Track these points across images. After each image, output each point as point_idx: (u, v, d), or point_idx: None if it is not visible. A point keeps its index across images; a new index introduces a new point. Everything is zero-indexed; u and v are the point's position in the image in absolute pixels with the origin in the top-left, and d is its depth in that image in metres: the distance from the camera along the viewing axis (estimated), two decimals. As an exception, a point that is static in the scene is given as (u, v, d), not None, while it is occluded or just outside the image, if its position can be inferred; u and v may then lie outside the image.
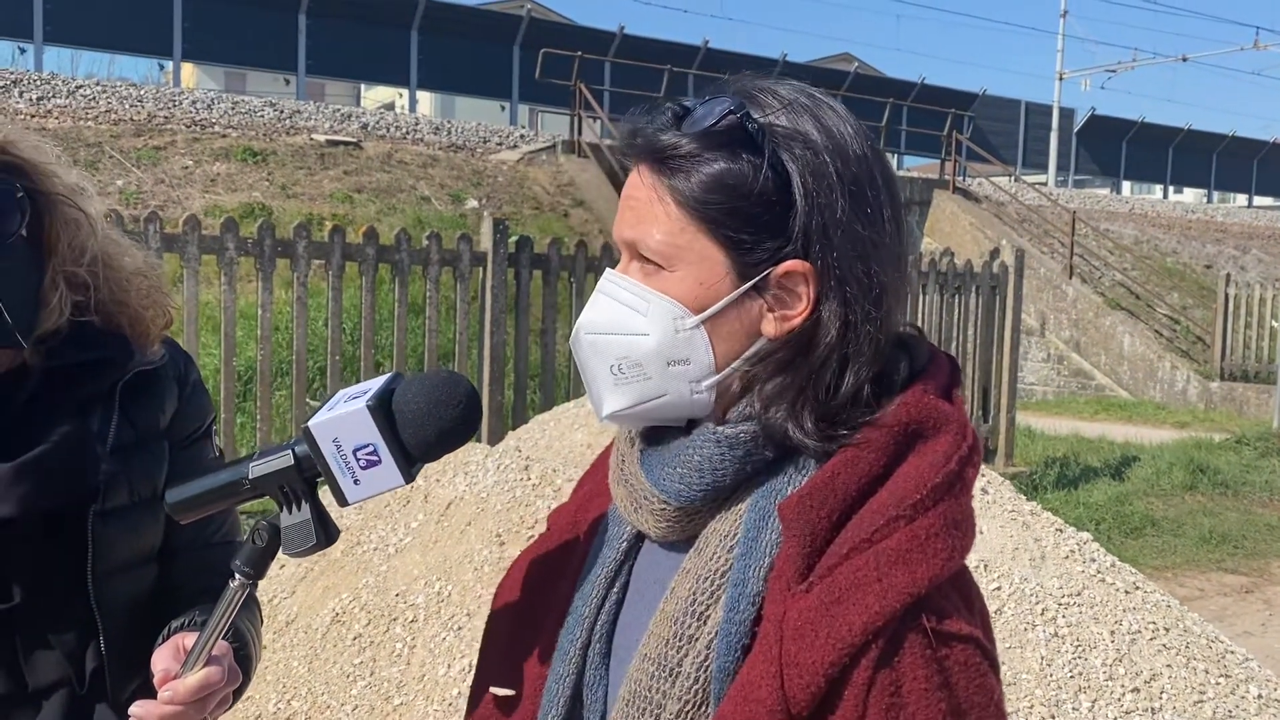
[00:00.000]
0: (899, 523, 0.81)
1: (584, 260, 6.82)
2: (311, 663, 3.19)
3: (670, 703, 0.86)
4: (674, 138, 0.88)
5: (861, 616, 0.78)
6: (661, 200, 0.88)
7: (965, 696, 0.80)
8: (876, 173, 0.88)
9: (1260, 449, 10.51)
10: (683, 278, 0.88)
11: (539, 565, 1.06)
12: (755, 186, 0.86)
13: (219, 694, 1.09)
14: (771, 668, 0.80)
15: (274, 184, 11.75)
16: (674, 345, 0.88)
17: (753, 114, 0.87)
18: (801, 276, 0.87)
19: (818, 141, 0.86)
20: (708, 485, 0.88)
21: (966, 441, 0.86)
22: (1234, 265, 19.61)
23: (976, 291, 8.62)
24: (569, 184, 14.09)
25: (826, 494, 0.83)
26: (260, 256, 5.75)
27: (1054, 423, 12.79)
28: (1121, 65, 31.54)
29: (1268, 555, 7.61)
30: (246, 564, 1.00)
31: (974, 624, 0.83)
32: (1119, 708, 3.16)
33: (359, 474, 0.94)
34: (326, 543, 0.98)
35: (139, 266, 1.30)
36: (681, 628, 0.86)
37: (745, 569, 0.85)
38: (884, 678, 0.78)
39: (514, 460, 3.77)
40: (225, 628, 1.03)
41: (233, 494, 1.01)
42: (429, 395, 0.95)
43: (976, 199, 19.09)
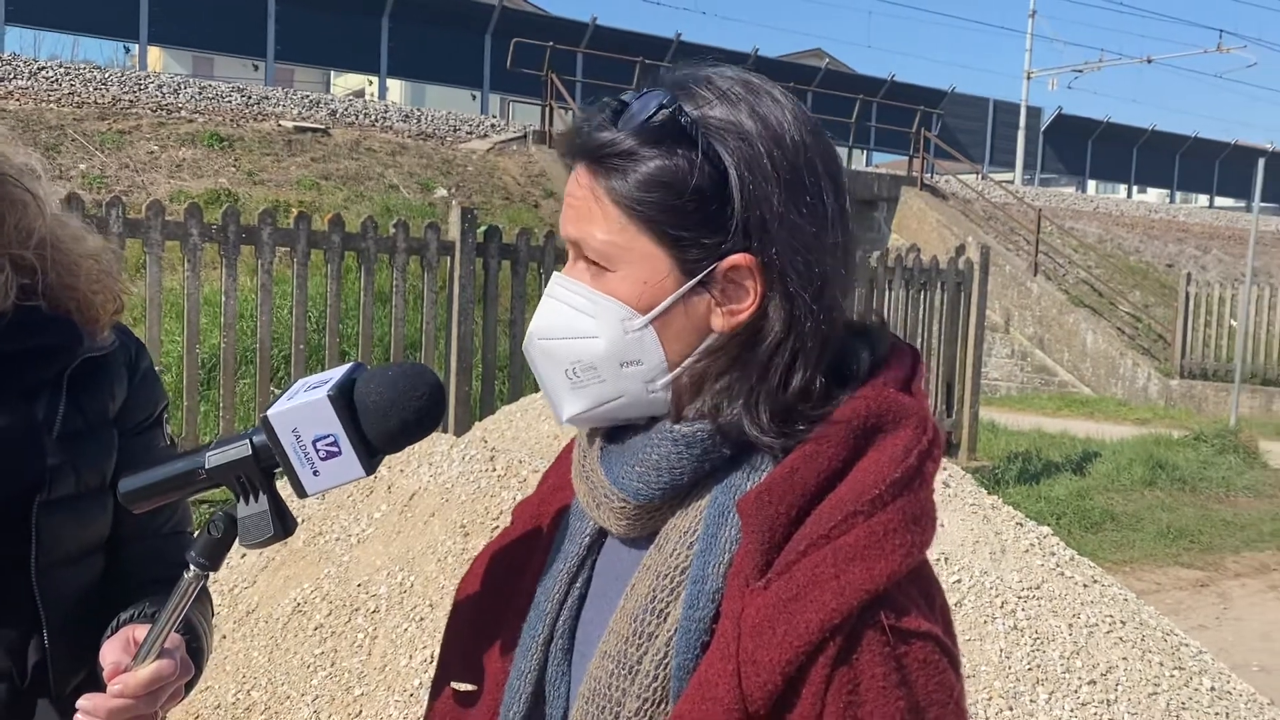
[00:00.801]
0: (857, 519, 0.81)
1: (553, 251, 6.81)
2: (272, 653, 3.17)
3: (630, 700, 0.85)
4: (609, 135, 0.87)
5: (819, 614, 0.78)
6: (599, 201, 0.87)
7: (924, 694, 0.80)
8: (816, 159, 0.86)
9: (1218, 446, 10.67)
10: (625, 277, 0.87)
11: (502, 559, 1.05)
12: (691, 182, 0.84)
13: (171, 687, 1.07)
14: (729, 665, 0.80)
15: (241, 170, 11.62)
16: (625, 346, 0.87)
17: (686, 107, 0.85)
18: (747, 270, 0.85)
19: (753, 132, 0.85)
20: (665, 484, 0.88)
21: (926, 435, 0.86)
22: (1195, 265, 19.88)
23: (942, 288, 8.69)
24: (540, 175, 14.05)
25: (785, 490, 0.83)
26: (224, 243, 5.69)
27: (1017, 418, 12.92)
28: (1088, 65, 31.86)
29: (1223, 550, 7.73)
30: (202, 555, 0.98)
31: (933, 620, 0.83)
32: (1075, 699, 3.20)
33: (318, 465, 0.92)
34: (284, 534, 0.96)
35: (90, 250, 1.27)
36: (641, 625, 0.86)
37: (704, 566, 0.84)
38: (842, 675, 0.78)
39: (479, 451, 3.76)
40: (179, 620, 1.01)
41: (188, 484, 0.98)
42: (392, 386, 0.93)
43: (944, 196, 19.22)
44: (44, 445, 1.21)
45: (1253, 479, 9.88)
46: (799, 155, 0.86)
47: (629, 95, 0.89)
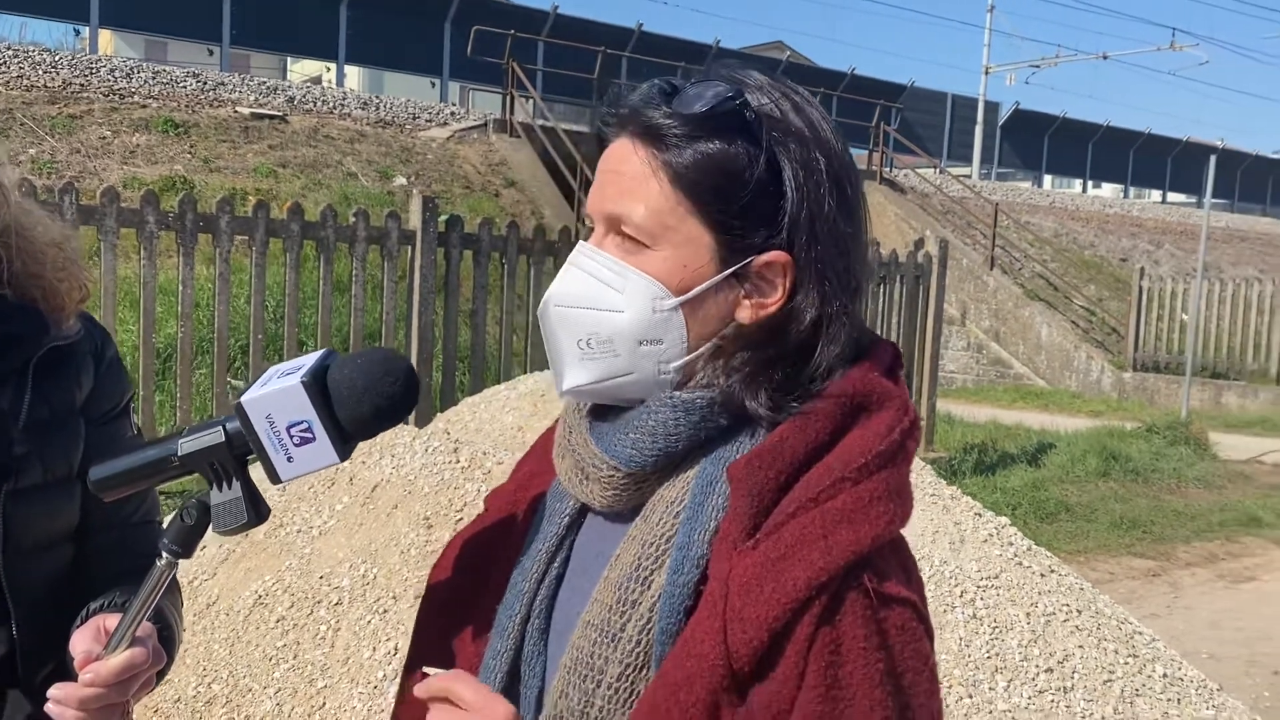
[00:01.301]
0: (844, 484, 0.83)
1: (516, 241, 6.78)
2: (233, 645, 3.14)
3: (611, 667, 0.87)
4: (668, 115, 0.87)
5: (806, 572, 0.80)
6: (655, 175, 0.87)
7: (901, 659, 0.82)
8: (854, 172, 0.91)
9: (1169, 438, 10.86)
10: (666, 257, 0.88)
11: (476, 545, 1.05)
12: (750, 174, 0.86)
13: (143, 675, 1.06)
14: (716, 623, 0.81)
15: (196, 157, 11.45)
16: (649, 325, 0.88)
17: (749, 104, 0.87)
18: (781, 267, 0.88)
19: (808, 136, 0.88)
20: (660, 450, 0.89)
21: (908, 416, 0.89)
22: (1148, 259, 20.21)
23: (901, 281, 8.77)
24: (501, 163, 13.98)
25: (774, 456, 0.85)
26: (181, 231, 5.61)
27: (973, 410, 13.07)
28: (1045, 61, 32.22)
29: (1174, 540, 7.88)
30: (174, 542, 0.97)
31: (912, 590, 0.86)
32: (1033, 687, 3.25)
33: (292, 451, 0.92)
34: (257, 521, 0.96)
35: (54, 238, 1.25)
36: (625, 593, 0.87)
37: (690, 533, 0.86)
38: (825, 635, 0.80)
39: (442, 443, 3.74)
40: (150, 608, 1.01)
41: (161, 471, 0.98)
42: (366, 372, 0.93)
43: (903, 190, 19.37)
44: (10, 435, 1.19)
45: (1203, 470, 10.08)
46: (842, 164, 0.90)
47: (678, 80, 0.90)
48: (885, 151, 19.56)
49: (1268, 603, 6.58)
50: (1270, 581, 7.09)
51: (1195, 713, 3.46)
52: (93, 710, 1.03)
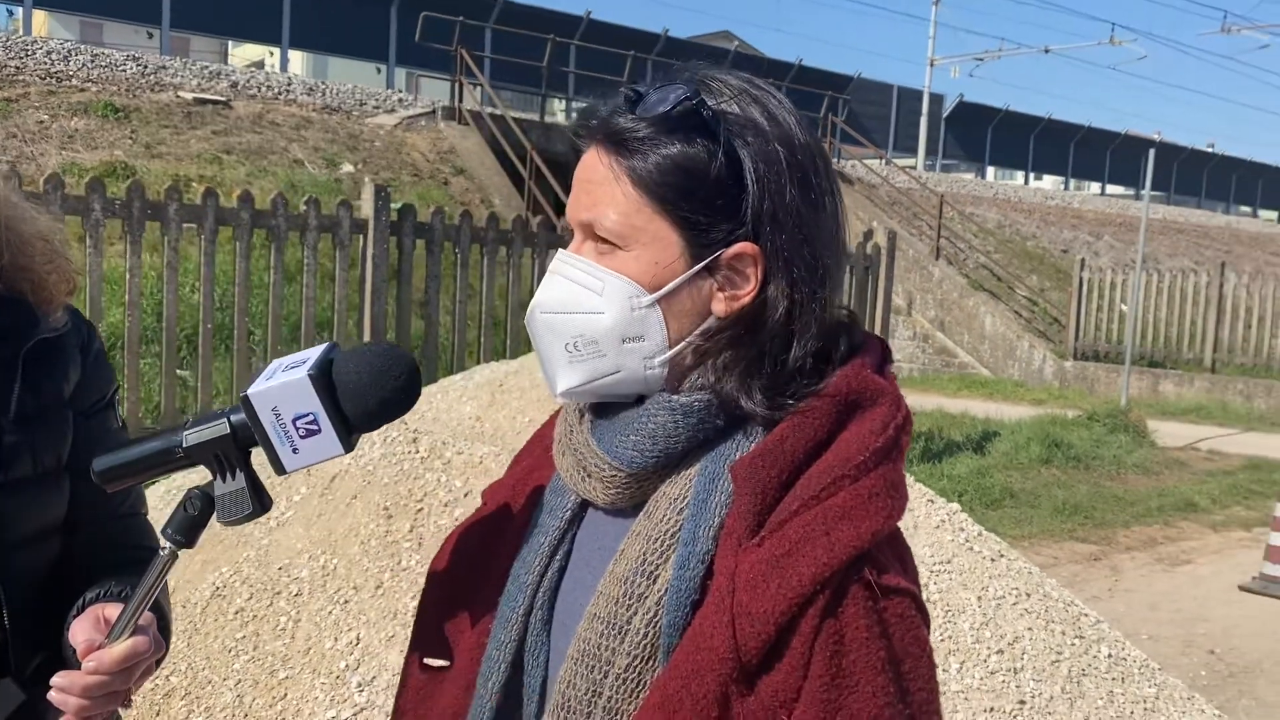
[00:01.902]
0: (844, 482, 0.87)
1: (469, 230, 6.75)
2: (191, 638, 3.11)
3: (619, 658, 0.89)
4: (631, 121, 0.91)
5: (811, 568, 0.83)
6: (619, 180, 0.91)
7: (901, 646, 0.86)
8: (819, 160, 0.93)
9: (1109, 425, 11.11)
10: (638, 257, 0.91)
11: (475, 538, 1.07)
12: (711, 171, 0.89)
13: (144, 663, 1.08)
14: (724, 617, 0.84)
15: (138, 142, 11.23)
16: (629, 323, 0.91)
17: (708, 102, 0.90)
18: (750, 258, 0.91)
19: (767, 129, 0.90)
20: (660, 451, 0.92)
21: (901, 412, 0.92)
22: (1088, 250, 20.62)
23: (851, 272, 8.86)
24: (449, 151, 13.88)
25: (776, 455, 0.88)
26: (129, 219, 5.51)
27: (920, 399, 13.27)
28: (989, 54, 32.68)
29: (1114, 525, 8.08)
30: (178, 532, 0.99)
31: (909, 580, 0.90)
32: (985, 669, 3.33)
33: (298, 443, 0.94)
34: (261, 511, 0.97)
35: (41, 231, 1.25)
36: (631, 587, 0.90)
37: (695, 529, 0.89)
38: (829, 627, 0.83)
39: (401, 433, 3.73)
40: (153, 597, 1.02)
41: (165, 462, 0.99)
42: (371, 366, 0.95)
43: (850, 181, 19.55)
44: (1, 426, 1.19)
45: (1141, 457, 10.33)
46: (806, 154, 0.92)
47: (643, 86, 0.93)
48: (833, 143, 19.72)
49: (1202, 585, 6.79)
50: (1205, 565, 7.30)
51: (1138, 691, 3.57)
52: (96, 697, 1.05)
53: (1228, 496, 9.23)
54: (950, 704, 3.21)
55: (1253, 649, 5.67)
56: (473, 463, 3.61)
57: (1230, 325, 16.26)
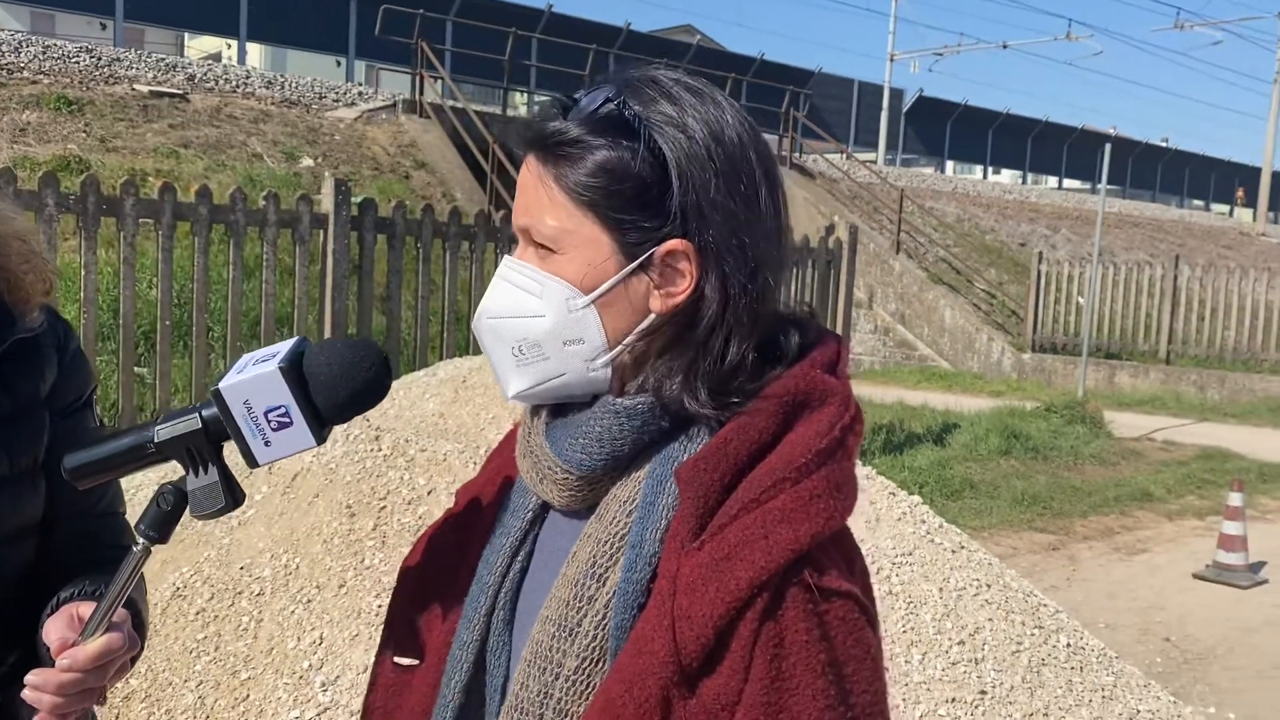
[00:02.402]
0: (785, 484, 0.86)
1: (430, 225, 6.70)
2: (151, 639, 3.07)
3: (569, 660, 0.90)
4: (558, 125, 0.92)
5: (748, 572, 0.83)
6: (548, 187, 0.92)
7: (843, 650, 0.85)
8: (752, 154, 0.93)
9: (1067, 416, 11.26)
10: (572, 259, 0.92)
11: (446, 538, 1.08)
12: (634, 171, 0.90)
13: (119, 660, 1.08)
14: (665, 621, 0.85)
15: (92, 136, 11.05)
16: (568, 325, 0.92)
17: (631, 102, 0.91)
18: (683, 254, 0.91)
19: (693, 126, 0.91)
20: (607, 455, 0.92)
21: (849, 412, 0.92)
22: (1046, 244, 20.87)
23: (813, 266, 8.92)
24: (410, 145, 13.78)
25: (719, 458, 0.88)
26: (84, 214, 5.42)
27: (881, 391, 13.37)
28: (948, 49, 32.96)
29: (1072, 515, 8.20)
30: (151, 528, 0.99)
31: (853, 581, 0.89)
32: (946, 659, 3.37)
33: (270, 435, 0.95)
34: (234, 505, 0.98)
35: (17, 230, 1.25)
36: (581, 589, 0.91)
37: (643, 531, 0.89)
38: (769, 630, 0.83)
39: (363, 430, 3.71)
40: (127, 593, 1.02)
41: (137, 458, 1.00)
42: (341, 359, 0.96)
43: (812, 175, 19.65)
44: None
45: (1098, 448, 10.48)
46: (736, 150, 0.92)
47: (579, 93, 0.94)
48: (794, 137, 19.80)
49: (1158, 574, 6.91)
50: (1161, 553, 7.43)
51: (1096, 680, 3.63)
52: (70, 695, 1.05)
53: (1182, 486, 9.39)
54: (913, 695, 3.25)
55: (1207, 635, 5.78)
56: (436, 460, 3.59)
57: (1184, 317, 16.53)
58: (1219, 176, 38.15)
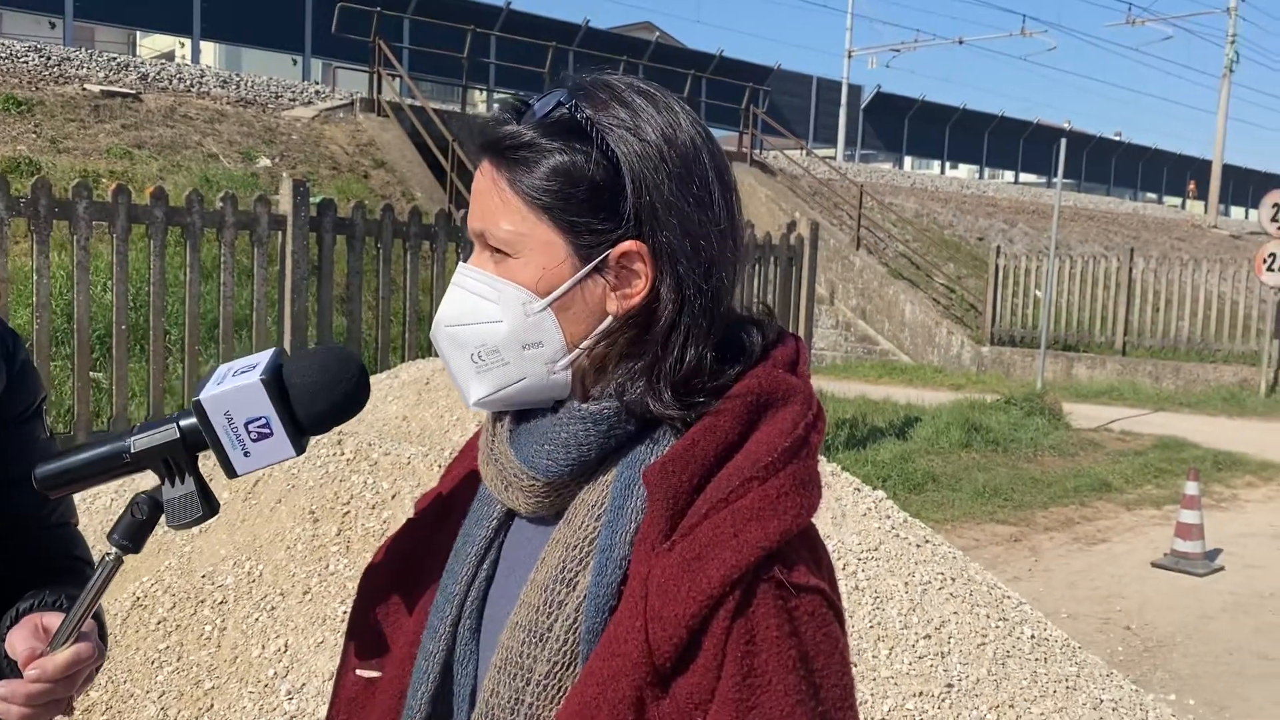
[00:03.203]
0: (753, 483, 0.87)
1: (390, 225, 6.65)
2: (111, 650, 3.02)
3: (540, 665, 0.90)
4: (512, 130, 0.93)
5: (720, 570, 0.84)
6: (502, 191, 0.92)
7: (812, 643, 0.87)
8: (704, 156, 0.93)
9: (1026, 409, 11.39)
10: (527, 263, 0.92)
11: (406, 547, 1.07)
12: (587, 174, 0.91)
13: (87, 669, 1.07)
14: (637, 622, 0.85)
15: (42, 137, 10.85)
16: (526, 329, 0.92)
17: (583, 106, 0.92)
18: (638, 256, 0.92)
19: (645, 129, 0.91)
20: (574, 460, 0.93)
21: (811, 410, 0.93)
22: (1003, 238, 21.09)
23: (775, 262, 8.95)
24: (369, 144, 13.66)
25: (687, 460, 0.89)
26: (35, 218, 5.32)
27: (843, 386, 13.46)
28: (905, 45, 33.22)
29: (1033, 507, 8.30)
30: (124, 537, 0.99)
31: (820, 577, 0.91)
32: (913, 654, 3.40)
33: (250, 446, 0.95)
34: (210, 514, 0.99)
35: None
36: (551, 594, 0.91)
37: (612, 535, 0.90)
38: (740, 626, 0.84)
39: (326, 435, 3.67)
40: (97, 603, 1.02)
41: (112, 468, 0.99)
42: (322, 370, 0.97)
43: (772, 172, 19.72)
44: None
45: (1057, 439, 10.62)
46: (689, 152, 0.92)
47: (533, 96, 0.95)
48: (754, 133, 19.86)
49: (1118, 563, 7.01)
50: (1120, 543, 7.54)
51: (1060, 670, 3.67)
52: (38, 705, 1.04)
53: (1140, 476, 9.53)
54: (880, 689, 3.27)
55: (1166, 623, 5.88)
56: (400, 464, 3.56)
57: (1140, 309, 16.78)
58: (1171, 169, 38.76)
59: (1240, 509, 8.79)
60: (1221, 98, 29.79)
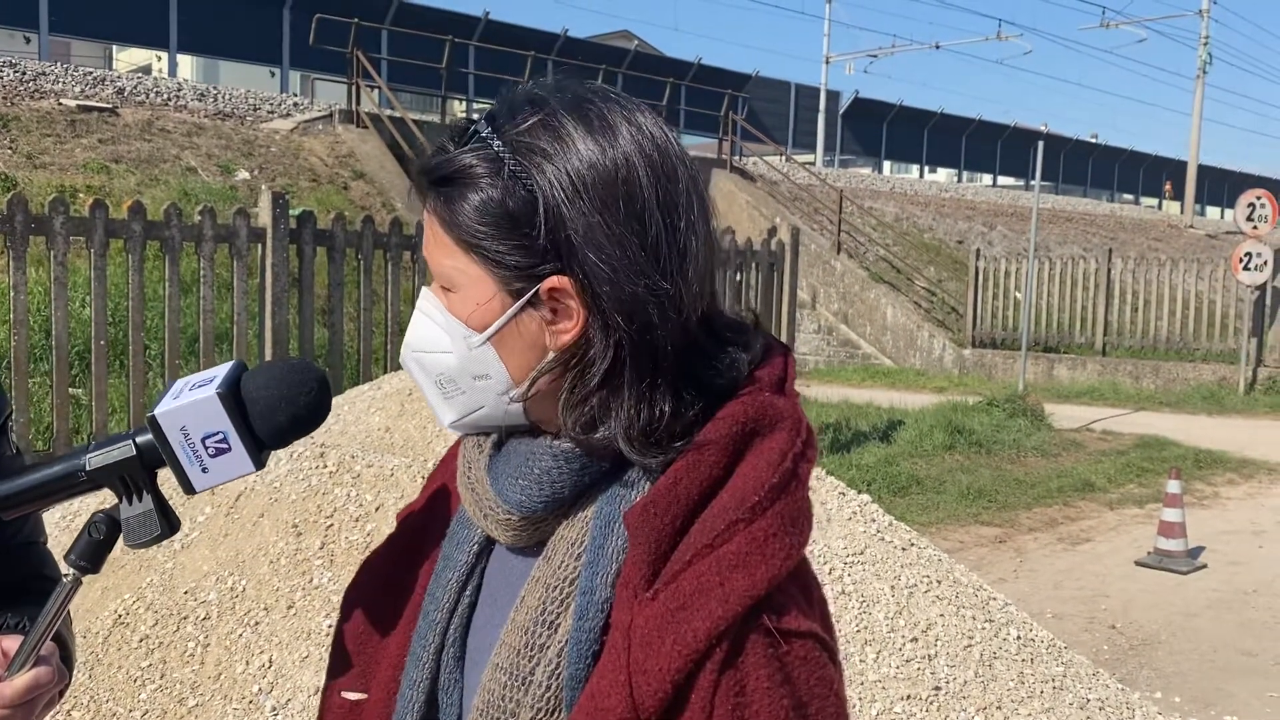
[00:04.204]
0: (739, 526, 0.83)
1: (371, 236, 6.63)
2: (93, 669, 2.99)
3: (524, 711, 0.87)
4: (437, 161, 0.89)
5: (705, 622, 0.80)
6: (434, 225, 0.90)
7: (806, 690, 0.83)
8: (641, 177, 0.85)
9: (1008, 410, 11.44)
10: (463, 298, 0.90)
11: (388, 567, 1.05)
12: (506, 207, 0.86)
13: (47, 694, 1.04)
14: (620, 676, 0.82)
15: (18, 153, 10.77)
16: (470, 362, 0.90)
17: (503, 134, 0.86)
18: (568, 291, 0.86)
19: (566, 156, 0.85)
20: (548, 496, 0.90)
21: (800, 437, 0.88)
22: (982, 240, 21.20)
23: (756, 268, 8.97)
24: (348, 155, 13.63)
25: (669, 501, 0.85)
26: (11, 234, 5.28)
27: (826, 390, 13.49)
28: (882, 51, 33.38)
29: (1016, 508, 8.33)
30: (82, 558, 0.96)
31: (812, 617, 0.87)
32: (900, 657, 3.40)
33: (208, 462, 0.92)
34: (170, 532, 0.96)
35: None
36: (533, 637, 0.88)
37: (593, 577, 0.86)
38: (728, 679, 0.80)
39: (308, 447, 3.65)
40: (56, 625, 0.99)
41: (68, 487, 0.96)
42: (280, 382, 0.94)
43: (752, 178, 19.77)
44: None
45: (1040, 440, 10.66)
46: (622, 173, 0.85)
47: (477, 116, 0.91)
48: (733, 140, 19.91)
49: (1102, 562, 7.04)
50: (1103, 542, 7.57)
51: (1047, 671, 3.68)
52: None
53: (1122, 475, 9.58)
54: (868, 694, 3.27)
55: (1150, 621, 5.90)
56: (383, 475, 3.55)
57: (1119, 309, 16.89)
58: (1147, 171, 39.06)
59: (1222, 506, 8.85)
60: (1196, 99, 30.06)
